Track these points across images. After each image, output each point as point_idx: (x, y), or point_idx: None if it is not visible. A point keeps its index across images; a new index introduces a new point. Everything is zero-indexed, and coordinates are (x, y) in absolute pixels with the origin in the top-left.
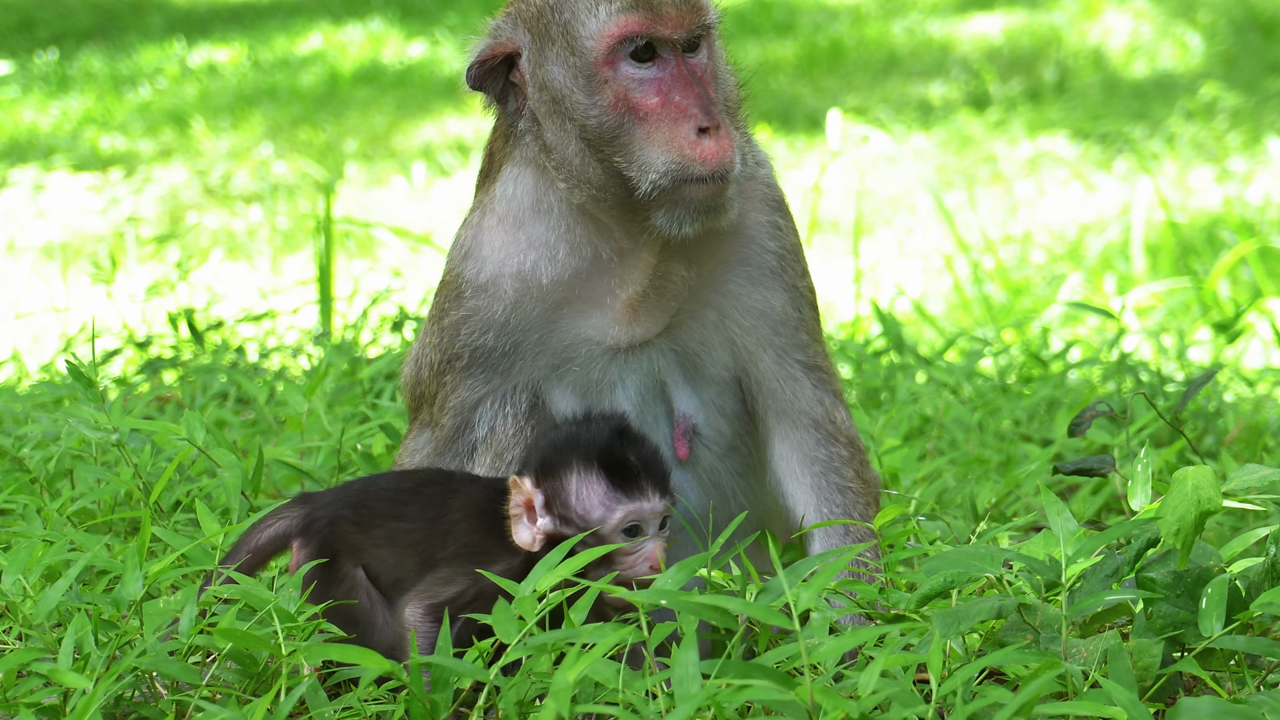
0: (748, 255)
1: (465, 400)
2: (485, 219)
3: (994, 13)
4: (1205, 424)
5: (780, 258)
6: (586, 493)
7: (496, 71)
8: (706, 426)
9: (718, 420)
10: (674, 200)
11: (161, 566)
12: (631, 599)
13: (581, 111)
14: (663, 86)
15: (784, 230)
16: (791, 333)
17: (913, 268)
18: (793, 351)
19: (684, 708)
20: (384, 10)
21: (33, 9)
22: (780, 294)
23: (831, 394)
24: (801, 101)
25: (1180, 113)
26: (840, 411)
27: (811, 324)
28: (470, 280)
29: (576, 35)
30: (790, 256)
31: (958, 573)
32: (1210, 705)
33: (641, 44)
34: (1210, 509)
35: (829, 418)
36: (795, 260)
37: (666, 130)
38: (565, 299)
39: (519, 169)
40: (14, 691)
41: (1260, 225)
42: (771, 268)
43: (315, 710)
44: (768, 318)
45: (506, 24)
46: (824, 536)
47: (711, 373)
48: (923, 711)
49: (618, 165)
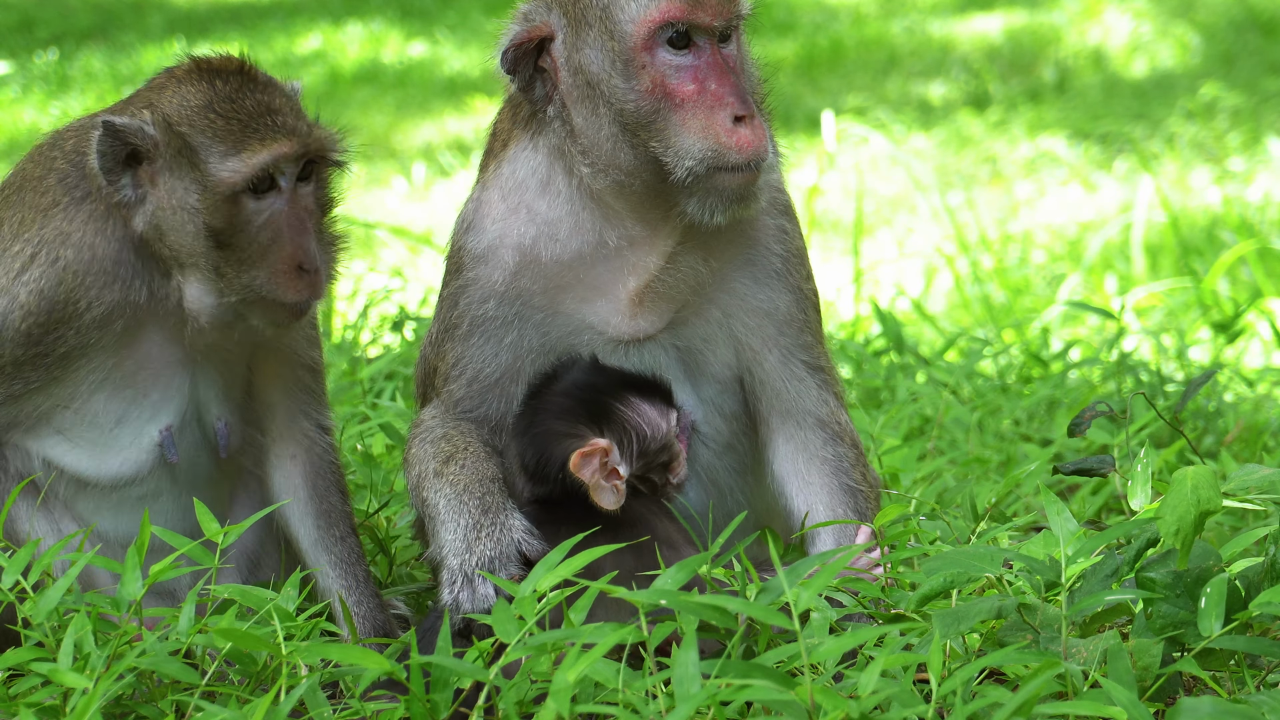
0: (754, 257)
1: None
2: (486, 193)
3: (994, 13)
4: (1205, 424)
5: (786, 260)
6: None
7: (528, 56)
8: (704, 424)
9: (715, 419)
10: (707, 187)
11: (161, 566)
12: (631, 599)
13: (620, 96)
14: (699, 74)
15: (790, 234)
16: (796, 334)
17: (913, 268)
18: (797, 352)
19: (684, 708)
20: (384, 10)
21: (33, 9)
22: (785, 295)
23: (835, 395)
24: (801, 101)
25: (1180, 113)
26: (844, 414)
27: (815, 326)
28: (470, 250)
29: (616, 20)
30: (795, 259)
31: (958, 573)
32: (1210, 705)
33: (681, 30)
34: (1210, 509)
35: (834, 418)
36: (800, 263)
37: (703, 117)
38: (569, 283)
39: (530, 150)
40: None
41: (1260, 225)
42: (777, 270)
43: (315, 710)
44: (773, 318)
45: (540, 8)
46: (835, 538)
47: (713, 371)
48: (923, 711)
49: (654, 150)
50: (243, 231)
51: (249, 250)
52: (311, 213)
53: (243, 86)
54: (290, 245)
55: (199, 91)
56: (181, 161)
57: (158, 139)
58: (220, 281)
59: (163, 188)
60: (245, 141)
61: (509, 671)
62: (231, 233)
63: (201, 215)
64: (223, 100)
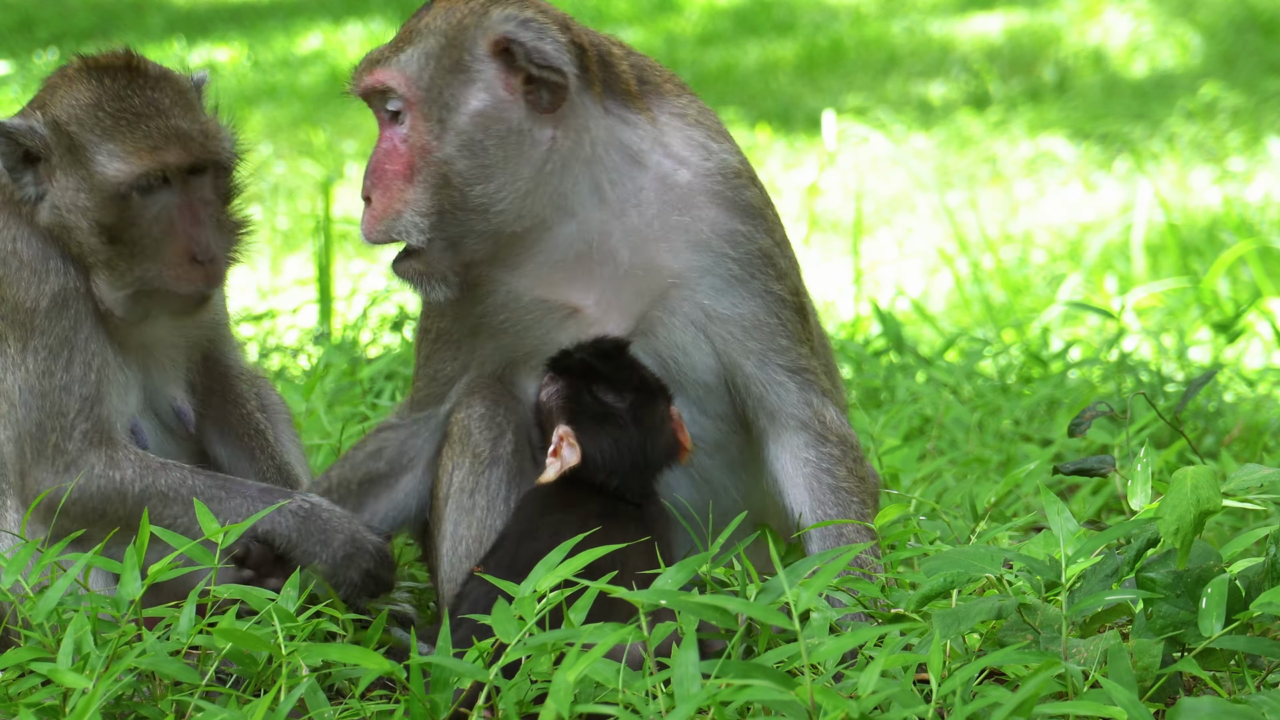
0: (708, 265)
1: (438, 371)
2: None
3: (994, 13)
4: (1205, 424)
5: (745, 264)
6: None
7: None
8: (692, 425)
9: (701, 419)
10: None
11: (161, 566)
12: (631, 599)
13: None
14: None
15: (747, 236)
16: (769, 338)
17: (913, 268)
18: (773, 357)
19: (684, 708)
20: (384, 10)
21: (33, 9)
22: (751, 301)
23: (819, 393)
24: (801, 101)
25: (1180, 113)
26: (830, 410)
27: (794, 326)
28: None
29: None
30: (759, 261)
31: (958, 573)
32: (1210, 705)
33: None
34: (1210, 509)
35: (817, 418)
36: (765, 265)
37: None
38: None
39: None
40: (14, 690)
41: (1260, 225)
42: (736, 275)
43: (315, 710)
44: (740, 324)
45: None
46: (821, 538)
47: (694, 376)
48: (923, 711)
49: None
50: (133, 227)
51: (141, 244)
52: (209, 203)
53: (131, 84)
54: (183, 238)
55: (88, 90)
56: (71, 160)
57: (47, 139)
58: (115, 274)
59: (57, 185)
60: (132, 142)
61: (509, 671)
62: (121, 228)
63: (91, 213)
64: (111, 99)
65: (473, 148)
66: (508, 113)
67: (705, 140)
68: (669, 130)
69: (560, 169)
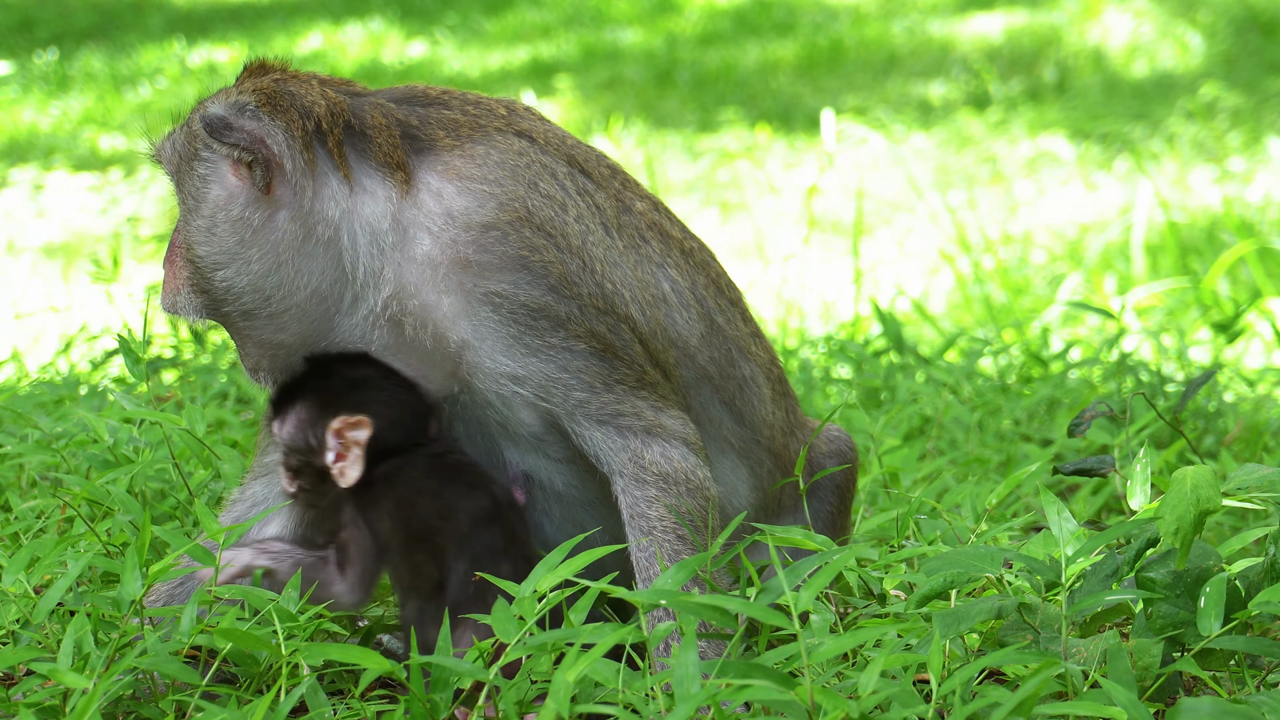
0: (483, 331)
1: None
2: None
3: (994, 12)
4: (1205, 424)
5: (515, 323)
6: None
7: None
8: (536, 470)
9: (545, 463)
10: None
11: (161, 566)
12: (631, 599)
13: None
14: None
15: (506, 295)
16: (564, 393)
17: (913, 268)
18: (575, 410)
19: (684, 708)
20: (384, 10)
21: (33, 9)
22: (532, 359)
23: (640, 433)
24: (801, 101)
25: (1180, 113)
26: (652, 449)
27: (590, 375)
28: None
29: None
30: (527, 319)
31: (958, 573)
32: (1210, 705)
33: None
34: (1210, 509)
35: (634, 461)
36: (537, 319)
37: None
38: None
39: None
40: (14, 690)
41: (1260, 225)
42: (513, 334)
43: (315, 710)
44: (531, 383)
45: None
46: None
47: (522, 430)
48: (923, 711)
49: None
50: None
51: None
52: None
53: None
54: None
55: None
56: None
57: None
58: None
59: None
60: None
61: (509, 671)
62: None
63: None
64: None
65: (210, 233)
66: (236, 198)
67: (457, 196)
68: (425, 195)
69: (296, 254)
